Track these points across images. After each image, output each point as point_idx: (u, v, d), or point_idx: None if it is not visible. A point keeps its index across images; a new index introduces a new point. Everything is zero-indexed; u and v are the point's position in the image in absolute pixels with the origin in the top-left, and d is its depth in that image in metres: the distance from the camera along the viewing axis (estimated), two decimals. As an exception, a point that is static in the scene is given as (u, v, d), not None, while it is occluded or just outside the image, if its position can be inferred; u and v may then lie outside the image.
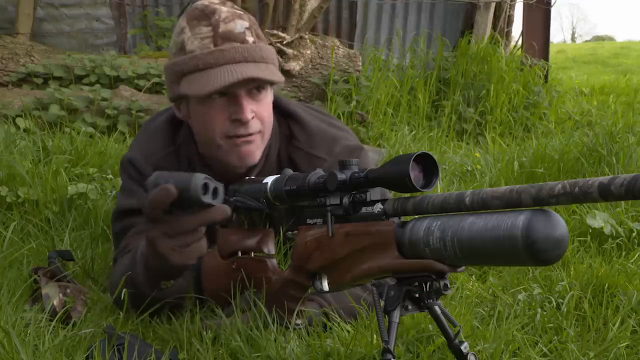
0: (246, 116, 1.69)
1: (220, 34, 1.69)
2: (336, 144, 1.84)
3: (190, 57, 1.69)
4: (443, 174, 3.39)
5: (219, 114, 1.71)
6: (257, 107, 1.72)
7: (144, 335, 1.61)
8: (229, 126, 1.71)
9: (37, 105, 3.77)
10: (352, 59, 4.70)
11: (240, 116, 1.69)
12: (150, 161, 1.84)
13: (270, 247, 1.58)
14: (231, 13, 1.72)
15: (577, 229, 2.40)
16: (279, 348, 1.43)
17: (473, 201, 1.07)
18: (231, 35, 1.70)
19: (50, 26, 5.47)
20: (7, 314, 1.57)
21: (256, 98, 1.72)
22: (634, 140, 3.28)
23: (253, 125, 1.72)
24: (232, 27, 1.70)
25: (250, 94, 1.71)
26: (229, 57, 1.68)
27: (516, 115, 5.10)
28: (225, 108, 1.70)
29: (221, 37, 1.69)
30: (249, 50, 1.70)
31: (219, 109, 1.71)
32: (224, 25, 1.70)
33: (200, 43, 1.69)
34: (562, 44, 30.53)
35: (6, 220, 2.36)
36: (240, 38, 1.70)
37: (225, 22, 1.70)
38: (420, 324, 1.55)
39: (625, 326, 1.68)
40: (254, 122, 1.72)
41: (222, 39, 1.69)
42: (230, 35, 1.69)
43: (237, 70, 1.66)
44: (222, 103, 1.70)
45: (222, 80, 1.65)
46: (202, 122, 1.74)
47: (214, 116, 1.71)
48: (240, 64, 1.68)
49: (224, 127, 1.71)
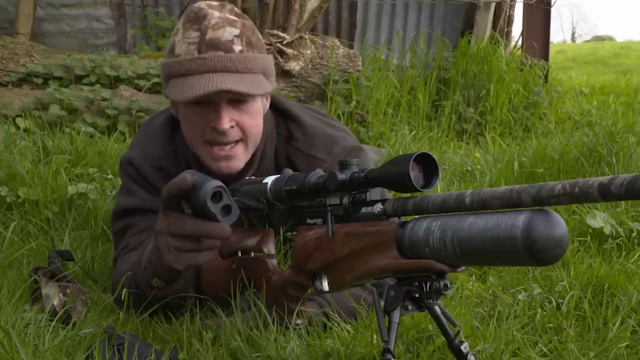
0: (223, 126, 1.68)
1: (206, 41, 1.67)
2: (335, 145, 1.84)
3: (176, 61, 1.69)
4: (443, 174, 3.39)
5: (198, 121, 1.71)
6: (239, 116, 1.70)
7: (144, 335, 1.61)
8: (208, 132, 1.70)
9: (37, 105, 3.77)
10: (352, 59, 4.70)
11: (217, 125, 1.68)
12: (149, 161, 1.84)
13: (270, 247, 1.58)
14: (222, 19, 1.70)
15: (577, 229, 2.40)
16: (279, 348, 1.43)
17: (473, 201, 1.07)
18: (217, 43, 1.67)
19: (50, 26, 5.47)
20: (7, 314, 1.57)
21: (239, 107, 1.70)
22: (634, 140, 3.28)
23: (232, 133, 1.70)
24: (219, 34, 1.67)
25: (233, 102, 1.69)
26: (209, 65, 1.65)
27: (516, 115, 5.10)
28: (205, 115, 1.69)
29: (206, 45, 1.67)
30: (232, 60, 1.66)
31: (199, 115, 1.70)
32: (211, 32, 1.67)
33: (186, 48, 1.68)
34: (562, 44, 30.55)
35: (6, 220, 2.36)
36: (226, 47, 1.67)
37: (213, 29, 1.68)
38: (420, 324, 1.55)
39: (625, 326, 1.68)
40: (233, 131, 1.70)
41: (207, 46, 1.67)
42: (216, 43, 1.67)
43: (215, 80, 1.64)
44: (202, 110, 1.69)
45: (198, 89, 1.63)
46: (185, 126, 1.75)
47: (194, 122, 1.71)
48: (220, 73, 1.65)
49: (204, 133, 1.71)
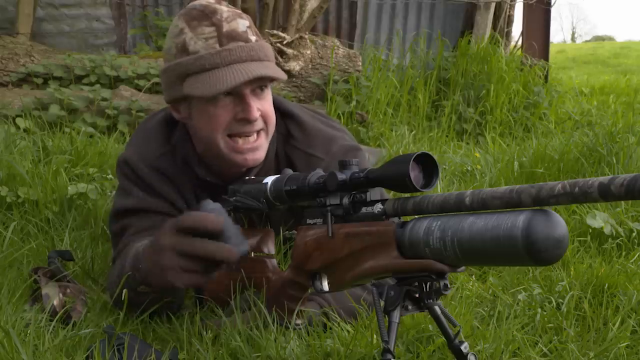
0: (254, 115, 1.70)
1: (224, 34, 1.68)
2: (333, 144, 1.85)
3: (196, 58, 1.67)
4: (443, 174, 3.39)
5: (224, 114, 1.70)
6: (261, 105, 1.73)
7: (144, 335, 1.61)
8: (233, 125, 1.71)
9: (37, 105, 3.77)
10: (352, 59, 4.71)
11: (248, 115, 1.69)
12: (146, 161, 1.84)
13: (270, 247, 1.58)
14: (232, 12, 1.72)
15: (577, 229, 2.40)
16: (279, 348, 1.43)
17: (473, 201, 1.07)
18: (235, 34, 1.69)
19: (50, 26, 5.47)
20: (7, 314, 1.57)
21: (260, 96, 1.73)
22: (634, 140, 3.28)
23: (258, 123, 1.73)
24: (235, 26, 1.70)
25: (254, 92, 1.71)
26: (236, 56, 1.67)
27: (516, 115, 5.10)
28: (231, 107, 1.70)
29: (226, 37, 1.68)
30: (254, 48, 1.69)
31: (225, 108, 1.70)
32: (227, 25, 1.69)
33: (204, 43, 1.67)
34: (562, 44, 30.53)
35: (6, 220, 2.36)
36: (244, 37, 1.70)
37: (228, 22, 1.69)
38: (420, 324, 1.55)
39: (625, 326, 1.68)
40: (259, 120, 1.73)
41: (227, 38, 1.68)
42: (234, 35, 1.69)
43: (246, 69, 1.66)
44: (228, 102, 1.70)
45: (232, 80, 1.64)
46: (206, 122, 1.73)
47: (220, 116, 1.70)
48: (246, 62, 1.67)
49: (228, 126, 1.71)
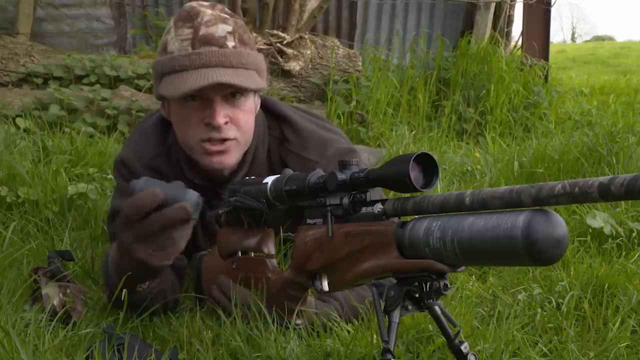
0: (217, 121, 1.67)
1: (199, 37, 1.68)
2: (328, 147, 1.83)
3: (169, 58, 1.69)
4: (443, 174, 3.39)
5: (193, 117, 1.70)
6: (233, 113, 1.70)
7: (144, 335, 1.61)
8: (202, 129, 1.70)
9: (37, 105, 3.77)
10: (352, 59, 4.71)
11: (212, 120, 1.68)
12: (142, 161, 1.84)
13: (270, 247, 1.58)
14: (215, 17, 1.71)
15: (577, 229, 2.40)
16: (279, 348, 1.43)
17: (473, 201, 1.07)
18: (210, 38, 1.68)
19: (50, 26, 5.47)
20: (7, 314, 1.57)
21: (233, 103, 1.70)
22: (634, 140, 3.28)
23: (227, 130, 1.70)
24: (212, 30, 1.69)
25: (227, 98, 1.69)
26: (204, 60, 1.66)
27: (516, 115, 5.10)
28: (200, 111, 1.69)
29: (199, 40, 1.67)
30: (226, 54, 1.67)
31: (193, 111, 1.70)
32: (204, 29, 1.68)
33: (180, 45, 1.68)
34: (562, 44, 30.54)
35: (6, 220, 2.36)
36: (220, 42, 1.68)
37: (206, 26, 1.69)
38: (420, 324, 1.55)
39: (625, 326, 1.68)
40: (228, 127, 1.70)
41: (201, 42, 1.67)
42: (209, 39, 1.68)
43: (210, 74, 1.64)
44: (197, 106, 1.69)
45: (194, 83, 1.63)
46: (179, 124, 1.74)
47: (189, 119, 1.71)
48: (215, 68, 1.66)
49: (198, 130, 1.70)
